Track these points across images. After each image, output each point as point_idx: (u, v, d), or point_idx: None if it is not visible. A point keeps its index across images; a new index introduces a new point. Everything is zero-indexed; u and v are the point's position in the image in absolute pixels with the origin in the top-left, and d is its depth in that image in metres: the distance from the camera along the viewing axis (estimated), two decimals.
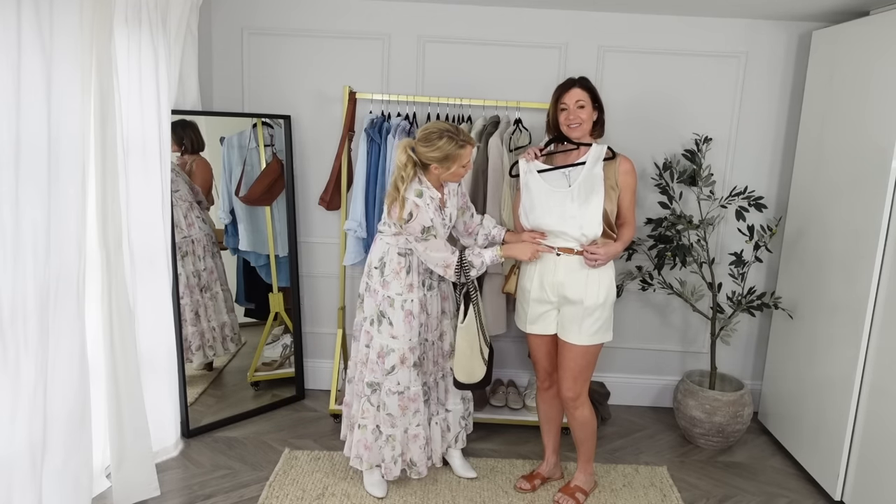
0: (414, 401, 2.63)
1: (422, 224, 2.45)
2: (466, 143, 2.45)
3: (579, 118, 2.45)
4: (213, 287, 3.18)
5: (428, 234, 2.47)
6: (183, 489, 2.72)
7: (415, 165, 2.46)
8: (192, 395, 3.19)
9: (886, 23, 2.61)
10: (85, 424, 2.22)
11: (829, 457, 2.84)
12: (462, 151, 2.44)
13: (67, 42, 2.00)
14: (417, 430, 2.66)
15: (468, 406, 2.90)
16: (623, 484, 2.90)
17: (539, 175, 2.54)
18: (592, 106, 2.46)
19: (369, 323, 2.63)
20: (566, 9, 3.29)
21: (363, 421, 2.65)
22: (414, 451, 2.68)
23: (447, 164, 2.44)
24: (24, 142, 1.87)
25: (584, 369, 2.55)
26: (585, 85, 2.48)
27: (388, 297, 2.57)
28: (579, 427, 2.66)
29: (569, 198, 2.46)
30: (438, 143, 2.41)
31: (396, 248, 2.57)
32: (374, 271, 2.61)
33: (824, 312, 2.93)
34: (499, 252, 2.56)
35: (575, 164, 2.51)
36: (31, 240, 1.93)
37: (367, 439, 2.66)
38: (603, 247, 2.47)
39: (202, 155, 3.16)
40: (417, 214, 2.44)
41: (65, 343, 2.10)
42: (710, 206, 3.38)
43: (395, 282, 2.56)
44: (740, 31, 3.32)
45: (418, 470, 2.71)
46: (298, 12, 3.35)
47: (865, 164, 2.68)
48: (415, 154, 2.46)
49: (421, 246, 2.49)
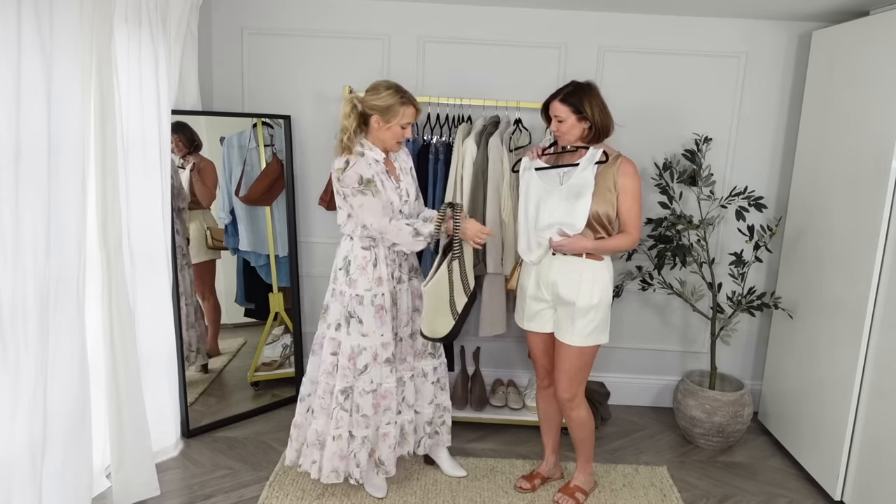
0: (385, 398, 2.58)
1: (359, 173, 2.42)
2: (410, 102, 2.48)
3: (560, 130, 2.49)
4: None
5: (367, 187, 2.42)
6: (183, 489, 2.72)
7: (357, 119, 2.47)
8: (192, 394, 3.19)
9: (886, 23, 2.61)
10: (85, 424, 2.22)
11: (829, 457, 2.84)
12: (404, 109, 2.46)
13: (67, 42, 2.00)
14: (388, 428, 2.61)
15: (443, 414, 2.82)
16: (623, 484, 2.90)
17: (536, 173, 2.57)
18: (576, 118, 2.45)
19: (335, 329, 2.57)
20: (566, 9, 3.29)
21: (336, 432, 2.55)
22: (383, 450, 2.63)
23: (387, 117, 2.45)
24: (24, 142, 1.87)
25: (579, 370, 2.55)
26: (565, 99, 2.46)
27: (356, 296, 2.52)
28: (577, 428, 2.66)
29: (557, 197, 2.48)
30: (383, 93, 2.44)
31: (360, 242, 2.53)
32: (339, 273, 2.56)
33: (824, 312, 2.93)
34: (441, 230, 2.51)
35: (571, 164, 2.52)
36: (31, 240, 1.92)
37: (342, 449, 2.57)
38: (573, 237, 2.46)
39: (204, 155, 3.16)
40: (355, 162, 2.43)
41: (65, 343, 2.10)
42: (710, 206, 3.38)
43: (363, 278, 2.52)
44: (740, 31, 3.32)
45: (386, 469, 2.64)
46: (298, 12, 3.35)
47: (865, 164, 2.68)
48: (360, 105, 2.47)
49: (357, 201, 2.44)
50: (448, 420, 2.84)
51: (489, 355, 3.63)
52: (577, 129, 2.47)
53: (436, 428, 2.82)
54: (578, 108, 2.44)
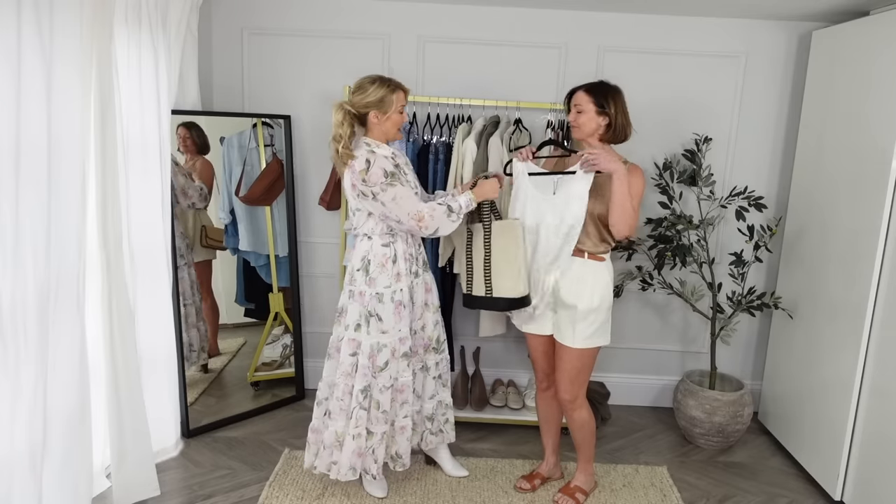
0: (402, 391, 2.59)
1: (382, 168, 2.42)
2: (399, 87, 2.49)
3: (576, 122, 2.48)
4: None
5: (393, 178, 2.43)
6: (183, 489, 2.72)
7: (352, 124, 2.47)
8: (192, 395, 3.19)
9: (886, 23, 2.61)
10: (85, 425, 2.22)
11: (829, 457, 2.84)
12: (396, 95, 2.48)
13: (67, 42, 2.00)
14: (405, 421, 2.62)
15: (445, 412, 2.81)
16: (623, 484, 2.90)
17: (529, 178, 2.55)
18: (596, 110, 2.44)
19: (353, 330, 2.55)
20: (566, 9, 3.29)
21: (356, 430, 2.56)
22: (400, 443, 2.65)
23: (384, 108, 2.46)
24: (24, 142, 1.87)
25: (580, 372, 2.55)
26: (591, 90, 2.46)
27: (376, 295, 2.52)
28: (577, 428, 2.66)
29: (550, 205, 2.47)
30: (371, 88, 2.45)
31: (380, 239, 2.53)
32: (357, 273, 2.55)
33: (824, 312, 2.93)
34: (472, 195, 2.52)
35: (566, 171, 2.49)
36: (30, 240, 1.92)
37: (360, 447, 2.59)
38: (604, 153, 2.40)
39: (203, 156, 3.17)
40: (375, 160, 2.43)
41: (65, 343, 2.10)
42: (710, 206, 3.38)
43: (382, 276, 2.52)
44: (740, 31, 3.32)
45: (403, 462, 2.66)
46: (298, 12, 3.35)
47: (865, 164, 2.68)
48: (352, 108, 2.47)
49: (388, 195, 2.42)
50: (451, 417, 2.84)
51: (489, 355, 3.63)
52: (594, 123, 2.45)
53: (439, 426, 2.81)
54: (601, 102, 2.44)
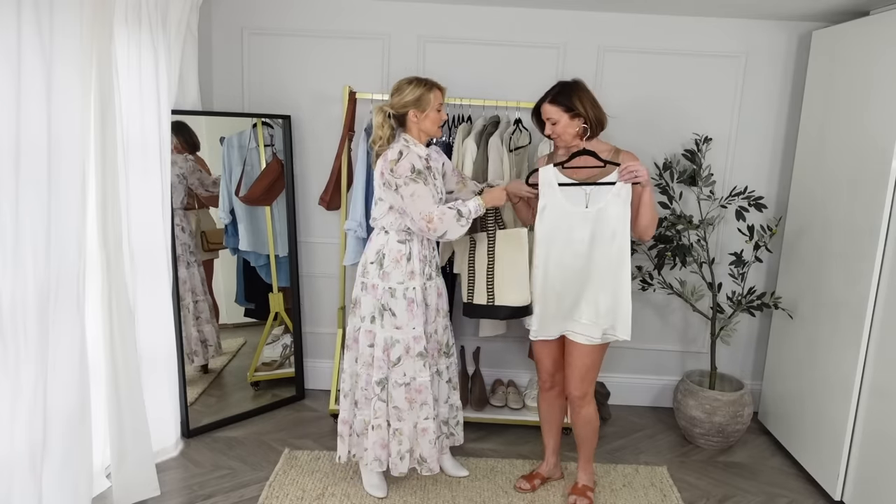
0: (420, 392, 2.59)
1: (411, 163, 2.47)
2: (434, 85, 2.54)
3: (555, 132, 2.47)
4: (185, 297, 3.11)
5: (419, 175, 2.47)
6: (183, 489, 2.72)
7: (392, 126, 2.55)
8: (192, 394, 3.19)
9: (886, 23, 2.61)
10: (85, 424, 2.22)
11: (829, 457, 2.84)
12: (433, 93, 2.53)
13: (67, 42, 2.00)
14: (427, 423, 2.61)
15: (456, 414, 2.82)
16: (623, 484, 2.90)
17: (559, 189, 2.46)
18: (569, 116, 2.43)
19: (369, 321, 2.60)
20: (566, 9, 3.29)
21: (377, 421, 2.60)
22: (424, 447, 2.63)
23: (421, 107, 2.51)
24: (24, 142, 1.87)
25: (590, 368, 2.56)
26: (555, 100, 2.44)
27: (388, 289, 2.55)
28: (583, 425, 2.66)
29: (582, 219, 2.43)
30: (408, 89, 2.52)
31: (396, 236, 2.56)
32: (371, 266, 2.59)
33: (824, 312, 2.93)
34: (481, 201, 2.53)
35: (599, 182, 2.42)
36: (30, 240, 1.92)
37: (383, 438, 2.61)
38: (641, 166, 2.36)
39: (201, 156, 3.16)
40: (408, 153, 2.49)
41: (65, 343, 2.10)
42: (710, 206, 3.38)
43: (396, 271, 2.55)
44: (740, 31, 3.32)
45: (429, 466, 2.64)
46: (298, 12, 3.35)
47: (865, 164, 2.68)
48: (392, 110, 2.54)
49: (409, 190, 2.45)
50: (461, 419, 2.86)
51: (489, 355, 3.63)
52: (572, 128, 2.45)
53: (451, 429, 2.83)
54: (569, 107, 2.42)
